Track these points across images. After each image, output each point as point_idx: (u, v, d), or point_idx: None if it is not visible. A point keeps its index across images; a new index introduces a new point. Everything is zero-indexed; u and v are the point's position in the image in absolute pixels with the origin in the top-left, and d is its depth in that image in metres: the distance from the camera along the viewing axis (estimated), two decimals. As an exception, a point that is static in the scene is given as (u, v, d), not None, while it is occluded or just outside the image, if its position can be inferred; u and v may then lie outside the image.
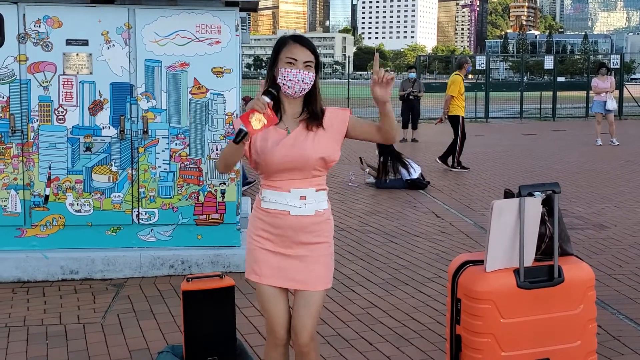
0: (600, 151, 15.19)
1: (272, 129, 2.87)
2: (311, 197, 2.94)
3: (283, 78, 2.88)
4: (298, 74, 2.87)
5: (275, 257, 2.96)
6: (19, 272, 5.56)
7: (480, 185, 10.59)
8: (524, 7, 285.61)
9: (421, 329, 4.60)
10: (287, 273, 2.95)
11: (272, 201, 2.93)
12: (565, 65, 77.74)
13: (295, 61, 2.88)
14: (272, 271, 2.96)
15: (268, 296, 2.98)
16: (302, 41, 2.94)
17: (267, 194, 2.94)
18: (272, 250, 2.96)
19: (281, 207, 2.92)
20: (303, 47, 2.90)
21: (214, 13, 5.62)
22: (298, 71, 2.87)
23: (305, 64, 2.89)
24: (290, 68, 2.87)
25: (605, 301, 5.07)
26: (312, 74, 2.91)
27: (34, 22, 5.48)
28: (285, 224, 2.93)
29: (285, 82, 2.88)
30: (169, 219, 5.76)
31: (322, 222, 2.98)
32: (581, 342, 3.18)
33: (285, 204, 2.92)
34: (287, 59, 2.88)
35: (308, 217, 2.93)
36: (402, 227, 7.65)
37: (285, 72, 2.88)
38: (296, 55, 2.88)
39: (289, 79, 2.87)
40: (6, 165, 5.60)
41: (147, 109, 5.64)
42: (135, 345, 4.32)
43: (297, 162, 2.89)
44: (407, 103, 17.85)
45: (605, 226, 7.66)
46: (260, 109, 2.75)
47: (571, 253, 3.29)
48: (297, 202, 2.92)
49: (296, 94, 2.91)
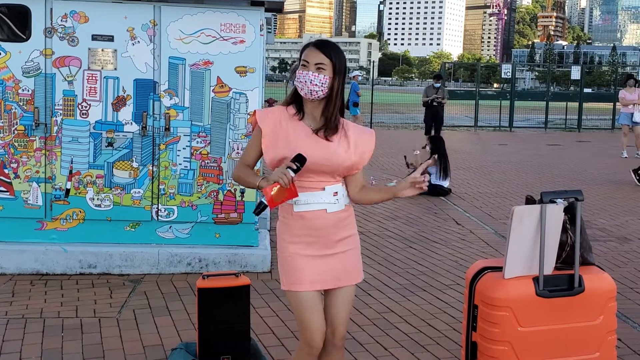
0: (625, 163, 14.97)
1: (300, 128, 2.91)
2: (340, 192, 2.97)
3: (297, 80, 2.93)
4: (307, 75, 2.88)
5: (318, 261, 2.92)
6: (37, 265, 5.60)
7: (501, 193, 10.49)
8: (552, 17, 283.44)
9: (437, 335, 4.54)
10: (330, 273, 2.94)
11: (308, 202, 2.90)
12: (593, 77, 77.05)
13: (308, 63, 2.90)
14: (316, 276, 2.91)
15: (310, 304, 2.90)
16: (318, 45, 2.96)
17: (300, 196, 2.87)
18: (315, 254, 2.92)
19: (318, 207, 2.91)
20: (317, 50, 2.92)
21: (239, 12, 5.63)
22: (309, 73, 2.88)
23: (316, 66, 2.89)
24: (302, 70, 2.91)
25: (626, 314, 4.98)
26: (323, 77, 2.88)
27: (60, 17, 5.53)
28: (324, 223, 2.92)
29: (298, 83, 2.92)
30: (187, 217, 5.77)
31: (350, 215, 3.02)
32: (600, 354, 3.12)
33: (322, 202, 2.91)
34: (302, 62, 2.93)
35: (341, 212, 2.96)
36: (422, 233, 7.59)
37: (297, 73, 2.92)
38: (309, 57, 2.91)
39: (299, 80, 2.91)
40: (29, 158, 5.65)
41: (169, 106, 5.66)
42: (149, 341, 4.32)
43: (334, 171, 2.91)
44: (431, 109, 17.75)
45: (629, 239, 7.54)
46: (285, 184, 2.75)
47: (592, 263, 3.23)
48: (331, 199, 2.93)
49: (307, 95, 2.90)
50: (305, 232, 2.91)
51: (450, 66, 43.92)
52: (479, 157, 15.78)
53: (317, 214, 2.90)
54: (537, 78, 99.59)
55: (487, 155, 16.07)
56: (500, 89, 40.33)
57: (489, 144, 19.61)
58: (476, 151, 17.27)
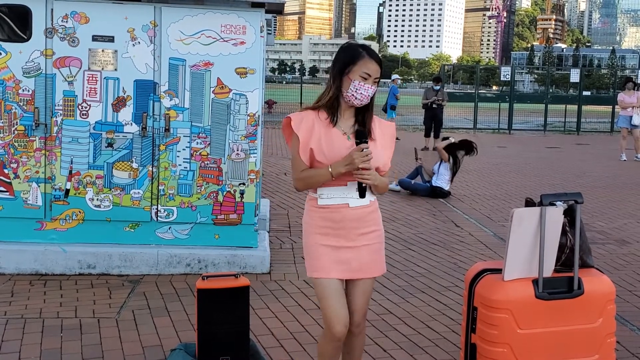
0: (624, 166, 15.00)
1: (335, 134, 3.03)
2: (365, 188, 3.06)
3: (355, 90, 3.00)
4: (369, 89, 3.01)
5: (339, 252, 3.05)
6: (37, 265, 5.60)
7: (500, 196, 10.49)
8: (552, 20, 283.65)
9: (436, 337, 4.55)
10: (351, 265, 3.06)
11: (331, 196, 3.04)
12: (592, 80, 77.10)
13: (369, 77, 3.00)
14: (337, 265, 3.05)
15: (332, 290, 3.05)
16: (377, 57, 3.05)
17: (324, 191, 3.04)
18: (336, 245, 3.05)
19: (341, 201, 3.04)
20: (377, 64, 3.03)
21: (239, 14, 5.63)
22: (370, 86, 3.01)
23: (374, 79, 3.03)
24: (363, 82, 2.99)
25: (625, 317, 4.98)
26: (375, 88, 3.05)
27: (61, 17, 5.53)
28: (346, 216, 3.04)
29: (357, 94, 3.00)
30: (187, 218, 5.77)
31: (375, 210, 3.13)
32: (599, 357, 3.12)
33: (345, 197, 3.03)
34: (363, 74, 3.00)
35: (365, 207, 3.07)
36: (421, 234, 7.60)
37: (358, 85, 2.99)
38: (371, 71, 3.01)
39: (360, 92, 3.00)
40: (29, 158, 5.65)
41: (169, 107, 5.66)
42: (148, 341, 4.32)
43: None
44: (430, 112, 17.78)
45: (627, 242, 7.55)
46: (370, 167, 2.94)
47: (592, 265, 3.24)
48: (354, 194, 3.04)
49: (361, 104, 3.03)
50: (328, 224, 3.04)
51: (450, 68, 43.81)
52: (478, 159, 15.73)
53: (340, 207, 3.04)
54: (536, 81, 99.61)
55: (486, 158, 16.07)
56: (500, 92, 40.33)
57: (488, 146, 19.61)
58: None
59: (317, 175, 3.00)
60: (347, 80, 3.01)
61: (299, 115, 3.06)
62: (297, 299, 5.23)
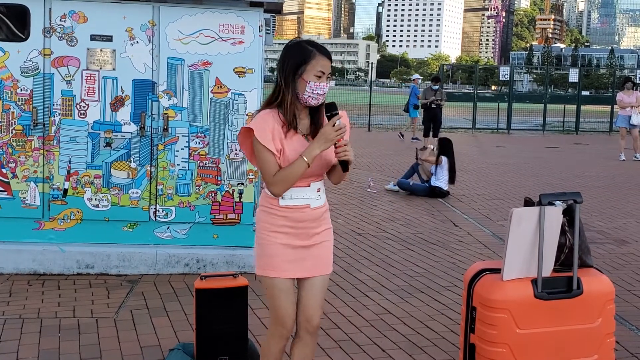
0: (623, 166, 15.00)
1: (295, 138, 2.96)
2: (322, 188, 3.11)
3: (311, 92, 2.92)
4: (325, 87, 2.95)
5: (295, 251, 3.03)
6: (35, 265, 5.59)
7: (499, 195, 10.49)
8: (550, 19, 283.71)
9: (435, 337, 4.54)
10: (305, 263, 3.06)
11: (293, 197, 3.01)
12: (590, 79, 77.14)
13: (323, 74, 2.94)
14: (291, 265, 3.03)
15: (283, 289, 3.04)
16: (327, 52, 3.00)
17: (286, 192, 2.98)
18: (293, 244, 3.02)
19: (302, 202, 3.03)
20: (327, 59, 2.97)
21: (238, 13, 5.62)
22: (325, 84, 2.95)
23: (327, 76, 2.97)
24: (319, 82, 2.92)
25: (624, 317, 4.98)
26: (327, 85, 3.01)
27: (59, 17, 5.52)
28: (307, 216, 3.03)
29: (313, 95, 2.92)
30: (185, 217, 5.76)
31: (327, 209, 3.16)
32: (598, 357, 3.12)
33: (307, 198, 3.03)
34: (317, 72, 2.92)
35: (321, 207, 3.09)
36: (420, 234, 7.59)
37: (314, 85, 2.92)
38: (324, 68, 2.94)
39: (317, 92, 2.93)
40: (27, 157, 5.64)
41: (168, 106, 5.65)
42: (146, 341, 4.31)
43: (323, 167, 3.05)
44: (429, 111, 17.75)
45: (626, 241, 7.54)
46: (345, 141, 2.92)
47: (591, 265, 3.23)
48: (315, 195, 3.05)
49: (317, 104, 2.98)
50: (287, 224, 3.02)
51: (449, 68, 43.85)
52: (477, 159, 15.78)
53: (301, 209, 3.02)
54: (535, 80, 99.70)
55: (485, 158, 16.08)
56: (498, 92, 40.35)
57: (487, 146, 19.63)
58: (474, 153, 17.27)
59: (293, 169, 2.89)
60: (302, 81, 2.90)
61: (260, 124, 2.91)
62: (295, 298, 5.22)
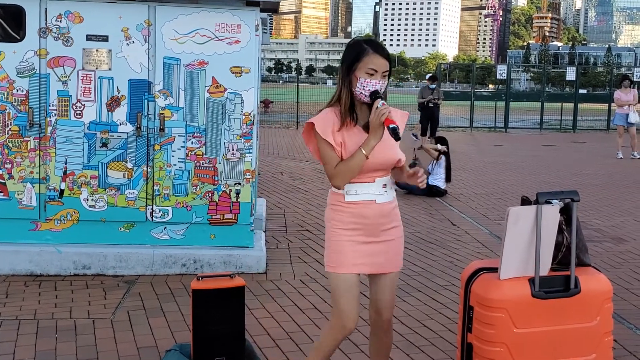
0: (621, 164, 15.01)
1: (356, 132, 3.05)
2: (388, 184, 3.15)
3: (362, 88, 3.00)
4: (377, 85, 2.99)
5: (364, 247, 3.09)
6: (32, 266, 5.57)
7: (497, 194, 10.49)
8: (547, 18, 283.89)
9: (432, 336, 4.53)
10: (376, 259, 3.12)
11: (358, 193, 3.06)
12: (588, 78, 77.23)
13: (376, 72, 2.99)
14: (361, 260, 3.09)
15: (351, 286, 3.08)
16: (382, 51, 3.04)
17: (351, 187, 3.06)
18: (364, 240, 3.08)
19: (368, 197, 3.07)
20: (383, 58, 3.01)
21: (234, 12, 5.61)
22: (377, 82, 2.99)
23: (383, 74, 3.01)
24: (370, 79, 2.98)
25: (622, 315, 4.97)
26: (385, 82, 3.03)
27: (55, 17, 5.50)
28: (374, 212, 3.08)
29: (364, 91, 3.00)
30: (182, 218, 5.74)
31: (396, 206, 3.21)
32: (596, 356, 3.11)
33: (372, 193, 3.08)
34: (369, 70, 2.99)
35: (389, 203, 3.14)
36: (417, 233, 7.58)
37: (365, 82, 2.99)
38: (377, 66, 2.99)
39: (367, 89, 2.99)
40: (23, 158, 5.62)
41: (164, 106, 5.64)
42: (143, 342, 4.30)
43: (384, 163, 3.08)
44: (426, 111, 17.74)
45: (624, 240, 7.54)
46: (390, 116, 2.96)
47: (588, 264, 3.22)
48: (380, 191, 3.10)
49: (368, 101, 3.02)
50: (354, 220, 3.07)
51: (446, 67, 43.88)
52: (474, 157, 15.79)
53: (367, 204, 3.07)
54: (533, 79, 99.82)
55: (482, 156, 16.08)
56: (496, 90, 40.38)
57: (485, 144, 19.63)
58: (471, 152, 17.28)
59: (352, 161, 2.99)
60: (355, 78, 3.01)
61: (321, 119, 3.05)
62: (293, 298, 5.21)
